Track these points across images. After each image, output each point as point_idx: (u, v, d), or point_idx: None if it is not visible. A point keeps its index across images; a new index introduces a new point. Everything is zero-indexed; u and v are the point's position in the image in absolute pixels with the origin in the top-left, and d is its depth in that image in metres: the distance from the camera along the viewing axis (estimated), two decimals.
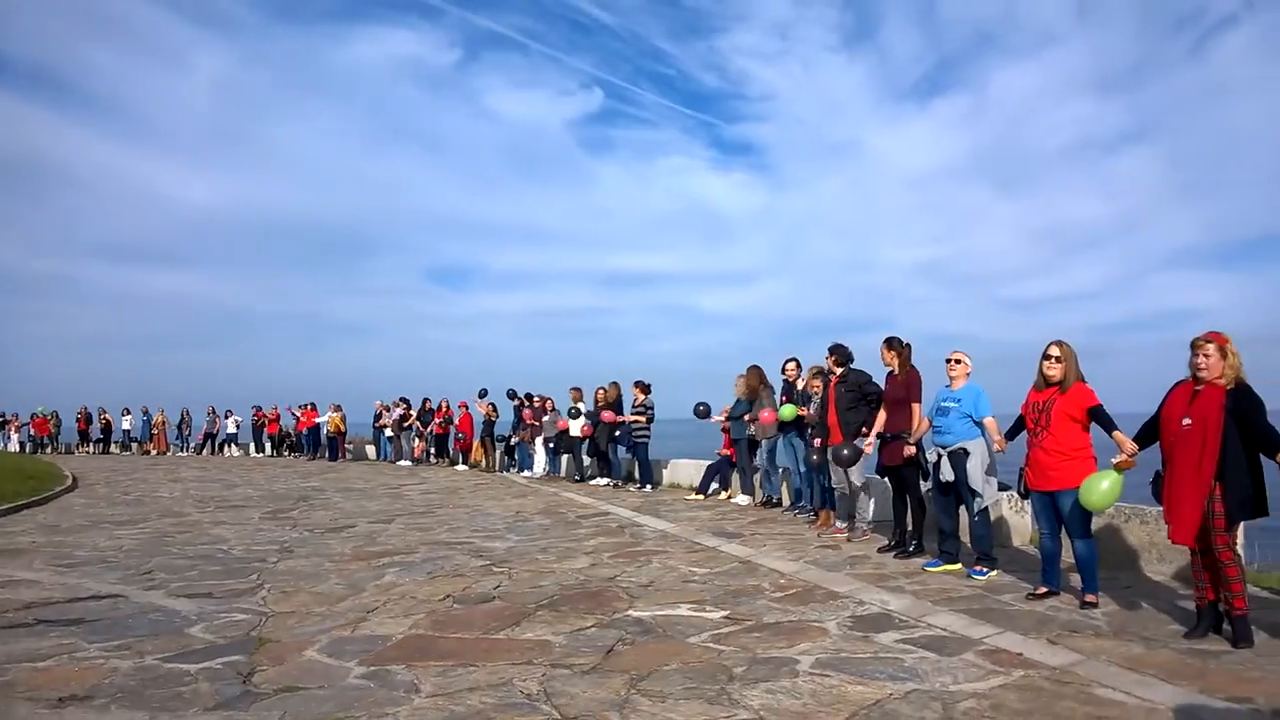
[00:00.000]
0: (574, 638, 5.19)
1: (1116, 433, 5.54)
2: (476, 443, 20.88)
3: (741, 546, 8.44)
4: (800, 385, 10.36)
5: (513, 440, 19.36)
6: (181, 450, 31.09)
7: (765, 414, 10.90)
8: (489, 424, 20.41)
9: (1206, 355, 4.87)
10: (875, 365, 8.25)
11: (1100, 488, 5.14)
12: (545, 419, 17.71)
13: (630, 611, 5.82)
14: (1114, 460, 5.35)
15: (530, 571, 7.32)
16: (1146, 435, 5.27)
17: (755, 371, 11.70)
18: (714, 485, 13.09)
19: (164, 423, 31.14)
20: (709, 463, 13.49)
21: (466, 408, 21.43)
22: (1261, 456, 4.79)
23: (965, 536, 7.20)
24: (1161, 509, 5.17)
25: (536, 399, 18.30)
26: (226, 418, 30.36)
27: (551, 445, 17.45)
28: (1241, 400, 4.79)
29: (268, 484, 17.27)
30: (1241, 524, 5.22)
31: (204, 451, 30.18)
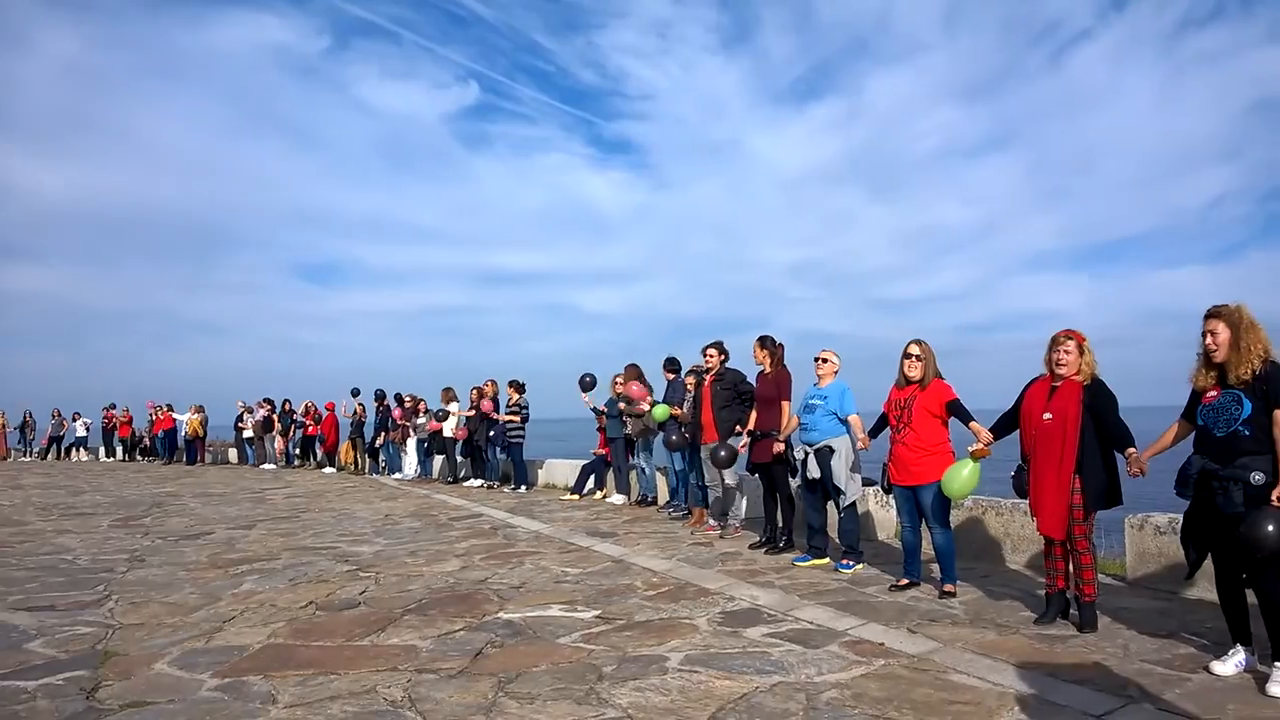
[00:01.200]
0: (441, 642, 5.04)
1: (973, 423, 5.78)
2: (345, 444, 20.23)
3: (615, 546, 8.42)
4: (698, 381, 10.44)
5: (377, 442, 18.87)
6: (24, 455, 28.97)
7: (634, 388, 10.87)
8: (359, 425, 19.81)
9: (1067, 352, 5.11)
10: (751, 364, 8.37)
11: (961, 475, 5.34)
12: (418, 420, 17.30)
13: (500, 614, 5.70)
14: (971, 449, 5.57)
15: (398, 576, 7.10)
16: (1003, 427, 5.51)
17: (633, 370, 11.72)
18: (589, 485, 13.04)
19: (3, 426, 28.90)
20: (584, 462, 13.44)
21: (333, 409, 20.73)
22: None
23: (834, 531, 7.37)
24: (1017, 501, 5.41)
25: (408, 398, 17.86)
26: (74, 420, 28.45)
27: (424, 446, 17.05)
28: (1097, 395, 5.04)
29: (118, 490, 16.25)
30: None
31: (49, 456, 28.21)
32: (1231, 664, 4.25)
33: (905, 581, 6.23)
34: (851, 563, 6.93)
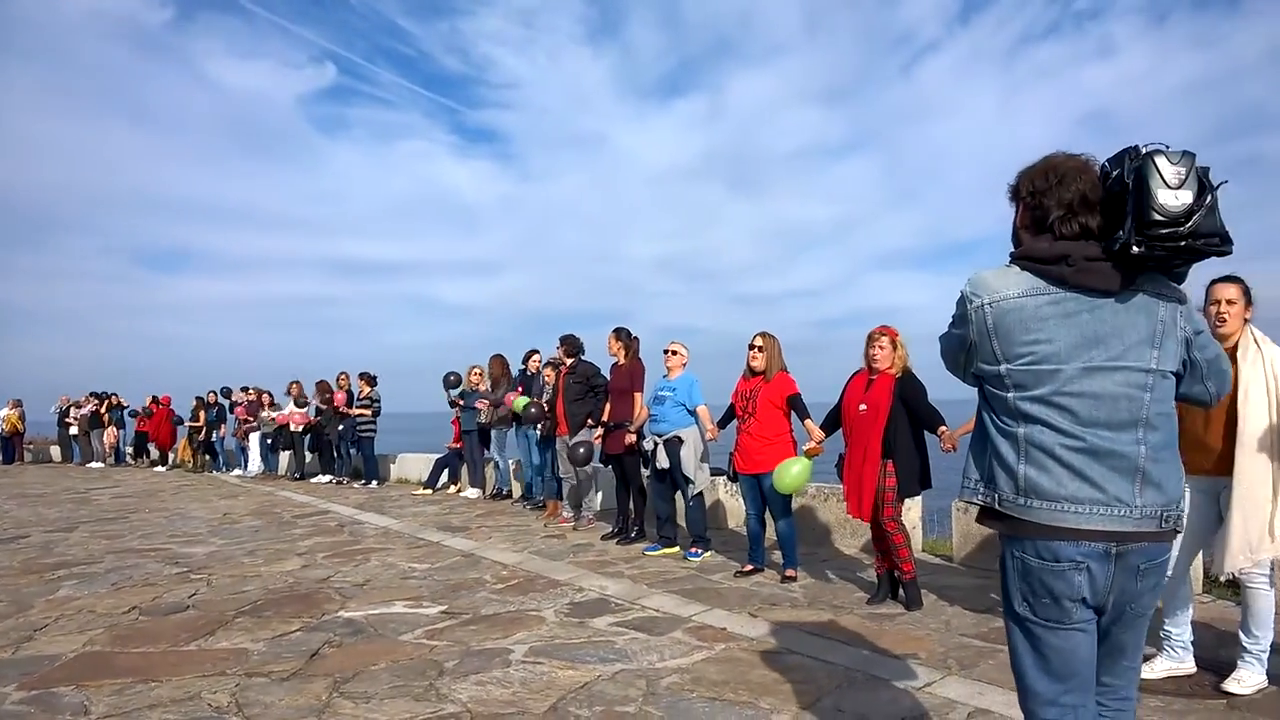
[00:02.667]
0: (275, 644, 4.84)
1: (808, 421, 6.01)
2: (183, 441, 19.17)
3: (466, 540, 8.30)
4: (534, 371, 10.36)
5: (213, 438, 18.01)
6: None
7: (509, 396, 10.76)
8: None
9: (881, 347, 5.38)
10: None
11: (791, 472, 5.51)
12: (262, 414, 16.56)
13: (341, 613, 5.52)
14: (805, 447, 5.78)
15: (233, 577, 6.77)
16: (831, 421, 5.75)
17: (499, 361, 11.56)
18: (443, 479, 12.81)
19: None
20: (438, 456, 13.20)
21: (169, 403, 19.61)
22: (926, 435, 5.35)
23: (684, 520, 7.50)
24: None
25: (251, 392, 17.07)
26: None
27: (269, 441, 16.34)
28: (908, 386, 5.32)
29: None
30: (919, 498, 5.82)
31: None
32: None
33: (750, 568, 6.40)
34: (700, 551, 7.07)
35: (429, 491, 12.60)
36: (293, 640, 4.91)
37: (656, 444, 7.16)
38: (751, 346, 6.36)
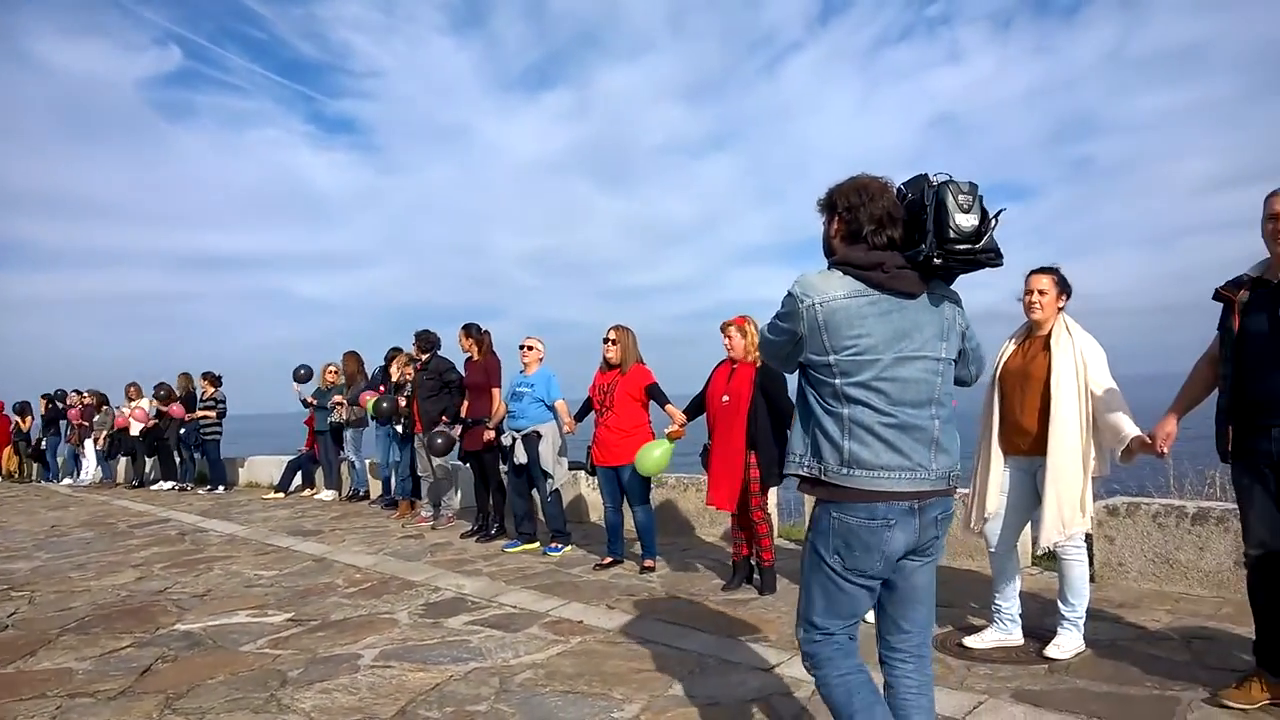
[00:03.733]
0: (103, 662, 4.53)
1: (669, 406, 6.08)
2: (7, 450, 17.76)
3: (319, 544, 8.01)
4: (395, 375, 10.05)
5: (43, 445, 16.79)
6: None
7: (365, 395, 10.41)
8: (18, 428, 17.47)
9: (729, 336, 5.47)
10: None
11: (653, 455, 5.56)
12: (96, 419, 15.52)
13: (178, 625, 5.22)
14: (667, 431, 5.84)
15: (59, 593, 6.31)
16: (694, 409, 5.83)
17: (353, 358, 11.18)
18: (296, 482, 12.32)
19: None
20: (290, 458, 12.68)
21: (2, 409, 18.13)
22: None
23: (543, 515, 7.46)
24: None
25: (87, 395, 15.98)
26: None
27: (105, 448, 15.32)
28: (768, 376, 5.43)
29: None
30: (775, 487, 5.96)
31: None
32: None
33: (609, 560, 6.43)
34: (560, 545, 7.05)
35: (281, 495, 12.10)
36: (122, 657, 4.61)
37: (515, 440, 7.10)
38: (605, 340, 6.38)
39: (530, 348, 7.24)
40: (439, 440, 8.00)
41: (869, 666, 2.53)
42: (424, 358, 8.58)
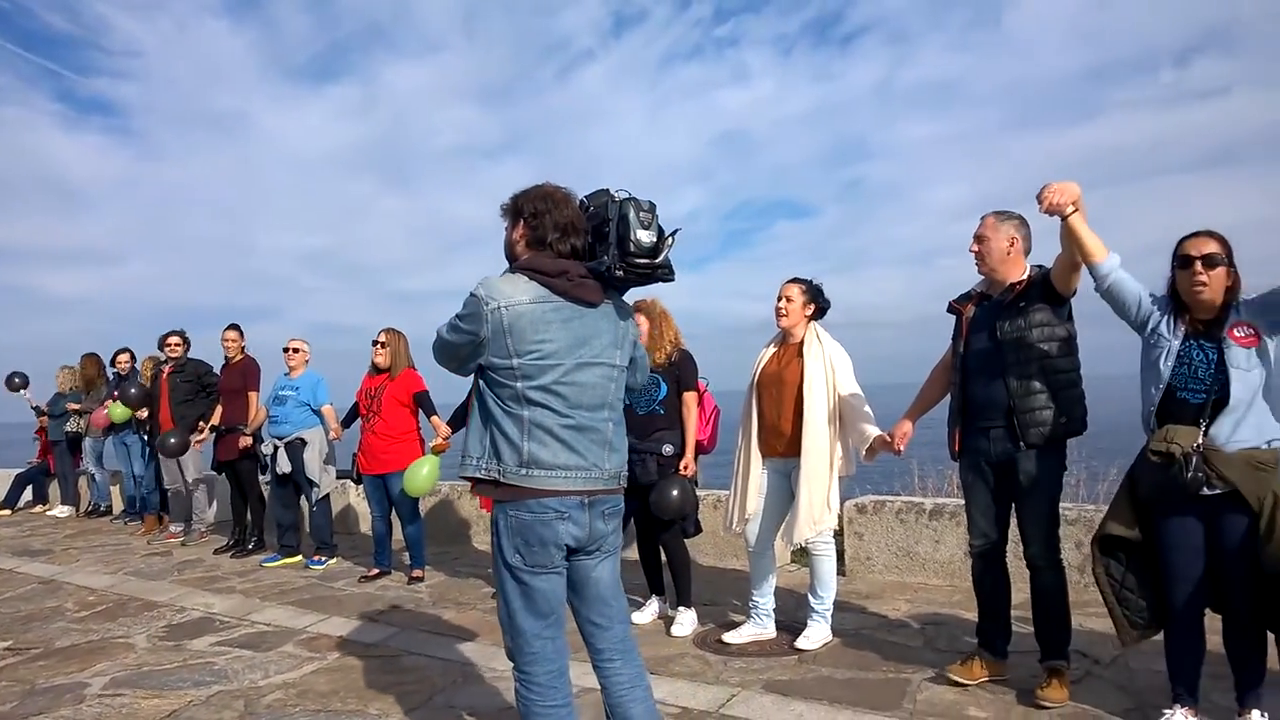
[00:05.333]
0: None
1: (434, 418, 5.93)
2: None
3: (48, 565, 7.19)
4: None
5: None
6: None
7: (96, 415, 9.39)
8: None
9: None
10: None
11: (420, 474, 5.37)
12: None
13: None
14: (431, 444, 5.69)
15: None
16: (460, 416, 5.68)
17: (92, 360, 10.06)
18: (26, 497, 11.03)
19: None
20: (19, 471, 11.34)
21: None
22: None
23: (308, 527, 7.06)
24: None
25: None
26: None
27: None
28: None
29: None
30: None
31: None
32: (649, 612, 4.85)
33: (375, 571, 6.18)
34: (324, 558, 6.69)
35: (7, 512, 10.77)
36: None
37: (277, 447, 6.68)
38: (375, 343, 6.14)
39: (296, 350, 6.84)
40: (172, 440, 7.36)
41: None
42: (178, 358, 7.91)
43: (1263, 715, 2.95)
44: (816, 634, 4.28)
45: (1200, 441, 2.86)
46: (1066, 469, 3.67)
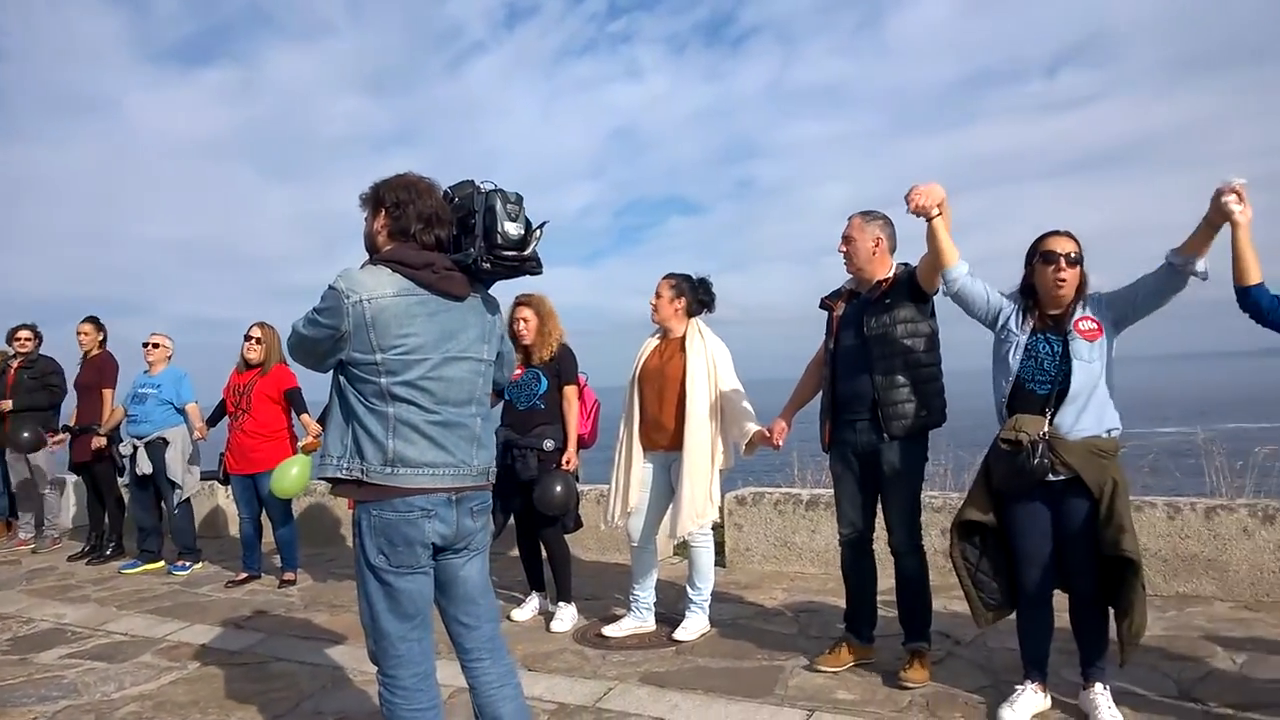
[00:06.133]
0: None
1: (305, 415, 5.74)
2: None
3: None
4: None
5: None
6: None
7: None
8: None
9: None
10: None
11: (289, 475, 5.15)
12: None
13: None
14: (302, 443, 5.49)
15: None
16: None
17: None
18: None
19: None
20: None
21: None
22: None
23: (171, 531, 6.72)
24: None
25: None
26: None
27: None
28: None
29: None
30: None
31: None
32: (528, 609, 4.81)
33: (244, 576, 5.94)
34: (188, 563, 6.38)
35: None
36: None
37: (136, 447, 6.33)
38: (248, 337, 5.88)
39: (156, 345, 6.49)
40: (24, 434, 6.87)
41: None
42: (28, 353, 7.39)
43: (1104, 687, 3.15)
44: (694, 625, 4.33)
45: (1046, 430, 3.03)
46: (928, 459, 3.82)
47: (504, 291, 2.93)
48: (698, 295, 4.43)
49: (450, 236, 2.45)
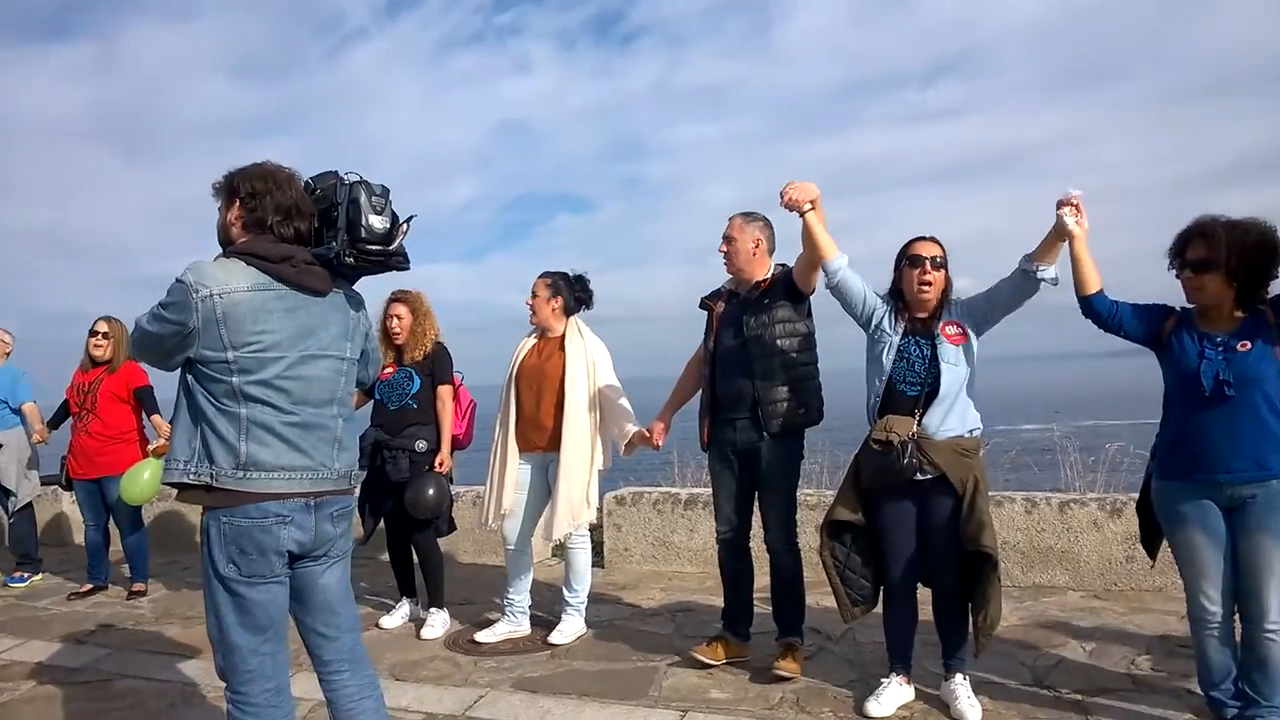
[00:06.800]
0: None
1: (155, 416, 5.40)
2: None
3: None
4: None
5: None
6: None
7: None
8: None
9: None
10: None
11: (141, 479, 4.81)
12: None
13: None
14: (152, 447, 5.17)
15: None
16: None
17: None
18: None
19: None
20: None
21: None
22: None
23: (7, 540, 6.22)
24: None
25: None
26: None
27: None
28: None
29: None
30: None
31: None
32: (398, 616, 4.65)
33: (89, 587, 5.53)
34: (26, 575, 5.90)
35: None
36: None
37: None
38: (94, 333, 5.47)
39: None
40: None
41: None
42: None
43: (964, 677, 3.24)
44: (570, 628, 4.26)
45: (915, 430, 3.10)
46: (804, 457, 3.87)
47: (377, 287, 2.84)
48: (575, 293, 4.37)
49: (311, 229, 2.34)
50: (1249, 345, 2.71)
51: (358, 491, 4.72)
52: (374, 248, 2.31)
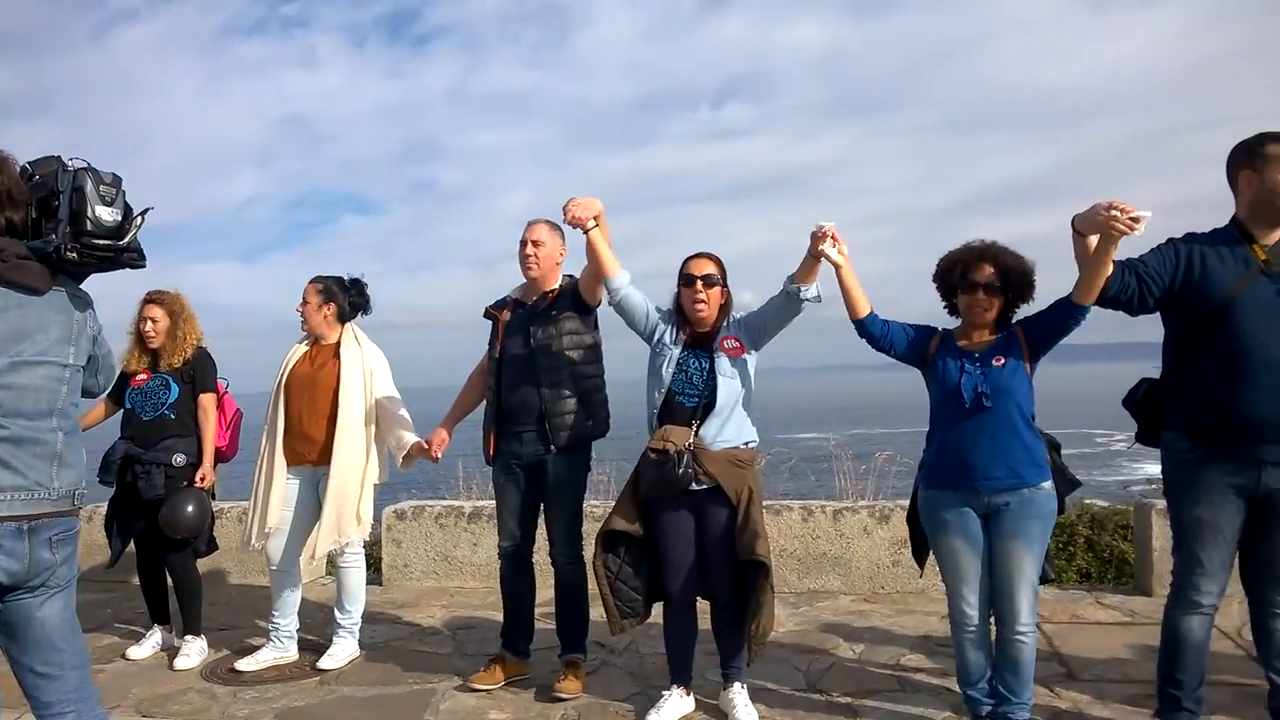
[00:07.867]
0: None
1: None
2: None
3: None
4: None
5: None
6: None
7: None
8: None
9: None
10: None
11: None
12: None
13: None
14: None
15: None
16: None
17: None
18: None
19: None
20: None
21: None
22: None
23: None
24: None
25: None
26: None
27: None
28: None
29: None
30: None
31: None
32: (148, 645, 4.23)
33: None
34: None
35: None
36: None
37: None
38: None
39: None
40: None
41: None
42: None
43: (742, 686, 3.31)
44: (341, 651, 4.03)
45: (692, 440, 3.14)
46: (591, 469, 3.85)
47: (131, 286, 2.58)
48: (350, 298, 4.16)
49: (28, 220, 2.12)
50: (1003, 361, 2.91)
51: (105, 510, 4.28)
52: (102, 242, 2.11)
